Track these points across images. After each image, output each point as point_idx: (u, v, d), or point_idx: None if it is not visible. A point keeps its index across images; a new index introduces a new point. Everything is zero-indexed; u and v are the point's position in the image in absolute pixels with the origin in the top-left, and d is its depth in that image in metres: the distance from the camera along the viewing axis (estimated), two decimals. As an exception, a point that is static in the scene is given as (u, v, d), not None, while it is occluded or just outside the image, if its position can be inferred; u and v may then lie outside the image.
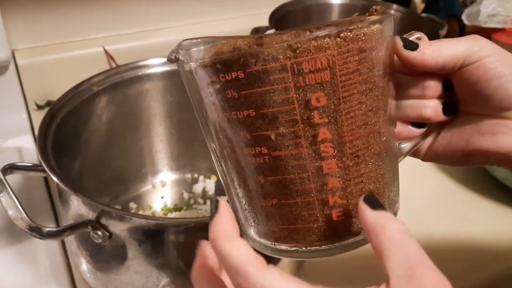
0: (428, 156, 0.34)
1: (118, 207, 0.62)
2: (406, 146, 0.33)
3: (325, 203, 0.27)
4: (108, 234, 0.40)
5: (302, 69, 0.24)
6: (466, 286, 0.54)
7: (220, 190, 0.66)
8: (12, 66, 0.75)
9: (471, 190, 0.67)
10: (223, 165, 0.29)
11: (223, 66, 0.25)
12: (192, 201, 0.65)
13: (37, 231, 0.39)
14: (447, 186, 0.68)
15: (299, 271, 0.49)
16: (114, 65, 0.83)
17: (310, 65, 0.24)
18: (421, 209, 0.63)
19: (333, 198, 0.27)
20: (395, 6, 0.89)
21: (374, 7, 0.29)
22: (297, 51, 0.24)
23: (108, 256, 0.43)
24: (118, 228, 0.40)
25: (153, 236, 0.40)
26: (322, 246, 0.28)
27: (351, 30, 0.25)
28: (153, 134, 0.64)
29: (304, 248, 0.28)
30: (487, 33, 0.90)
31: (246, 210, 0.30)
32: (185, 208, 0.64)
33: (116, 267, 0.43)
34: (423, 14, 0.94)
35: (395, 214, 0.30)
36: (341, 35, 0.25)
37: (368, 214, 0.25)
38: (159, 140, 0.65)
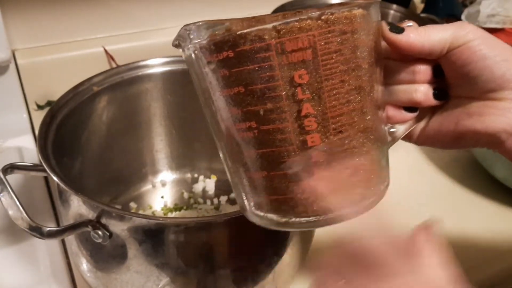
0: (421, 140, 0.35)
1: (118, 206, 0.62)
2: (399, 129, 0.34)
3: (310, 176, 0.28)
4: (108, 234, 0.40)
5: (285, 48, 0.26)
6: (465, 286, 0.54)
7: (220, 189, 0.66)
8: (12, 66, 0.75)
9: (471, 190, 0.67)
10: (222, 143, 0.31)
11: (216, 47, 0.27)
12: (192, 200, 0.65)
13: (37, 230, 0.39)
14: (447, 186, 0.68)
15: (303, 259, 0.49)
16: (114, 65, 0.83)
17: (293, 45, 0.26)
18: (420, 208, 0.63)
19: (318, 170, 0.28)
20: (394, 6, 0.89)
21: None
22: (281, 32, 0.26)
23: (108, 255, 0.43)
24: (118, 227, 0.40)
25: (153, 236, 0.40)
26: (311, 218, 0.29)
27: (332, 13, 0.27)
28: (153, 134, 0.64)
29: (294, 219, 0.30)
30: (487, 33, 0.90)
31: (243, 183, 0.31)
32: (185, 207, 0.64)
33: (117, 266, 0.43)
34: (422, 14, 0.94)
35: (383, 191, 0.32)
36: (322, 17, 0.26)
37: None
38: (159, 140, 0.65)
